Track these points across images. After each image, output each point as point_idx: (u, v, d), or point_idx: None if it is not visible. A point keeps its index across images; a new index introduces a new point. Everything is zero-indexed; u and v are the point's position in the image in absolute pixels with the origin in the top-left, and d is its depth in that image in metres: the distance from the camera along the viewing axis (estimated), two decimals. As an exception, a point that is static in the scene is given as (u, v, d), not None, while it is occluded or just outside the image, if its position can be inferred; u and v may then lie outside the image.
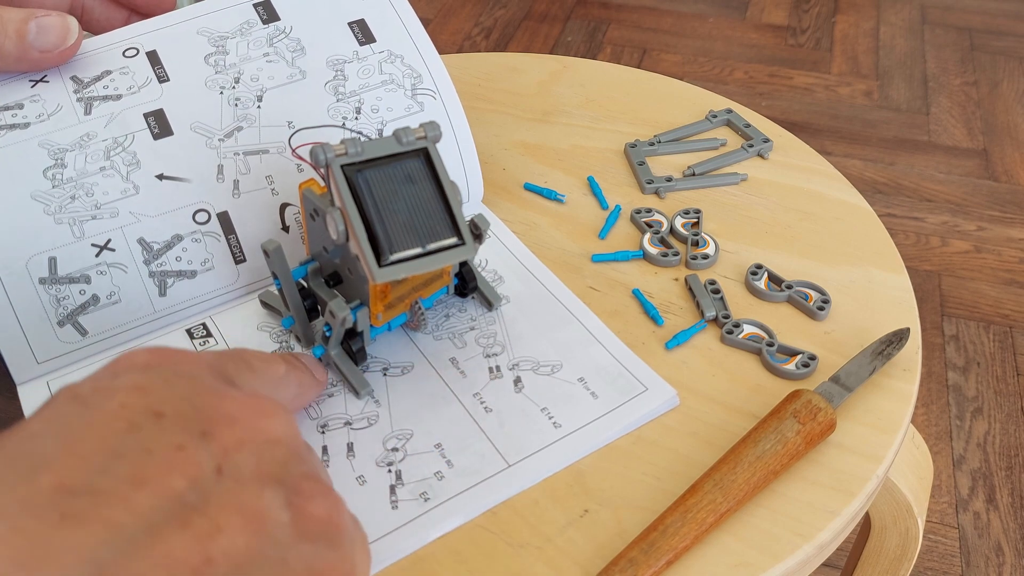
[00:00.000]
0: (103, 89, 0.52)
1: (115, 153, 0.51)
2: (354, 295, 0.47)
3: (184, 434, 0.26)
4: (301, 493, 0.28)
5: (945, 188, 1.58)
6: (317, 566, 0.27)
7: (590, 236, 0.57)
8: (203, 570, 0.23)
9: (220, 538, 0.24)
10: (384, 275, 0.42)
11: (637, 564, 0.39)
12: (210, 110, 0.53)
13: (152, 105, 0.52)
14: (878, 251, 0.56)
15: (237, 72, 0.54)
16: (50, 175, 0.49)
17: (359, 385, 0.47)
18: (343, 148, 0.43)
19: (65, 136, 0.50)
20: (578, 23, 2.02)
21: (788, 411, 0.44)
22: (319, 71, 0.55)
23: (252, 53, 0.54)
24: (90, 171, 0.50)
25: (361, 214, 0.42)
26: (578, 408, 0.47)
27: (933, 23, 2.02)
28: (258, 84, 0.54)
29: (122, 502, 0.23)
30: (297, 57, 0.55)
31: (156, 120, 0.52)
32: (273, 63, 0.54)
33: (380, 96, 0.56)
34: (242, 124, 0.53)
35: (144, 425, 0.26)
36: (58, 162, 0.50)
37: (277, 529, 0.26)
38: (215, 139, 0.53)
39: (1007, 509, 1.10)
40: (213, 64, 0.54)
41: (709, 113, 0.67)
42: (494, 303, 0.52)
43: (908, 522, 0.56)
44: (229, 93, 0.54)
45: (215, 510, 0.24)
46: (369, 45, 0.57)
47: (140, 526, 0.23)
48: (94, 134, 0.51)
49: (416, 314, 0.49)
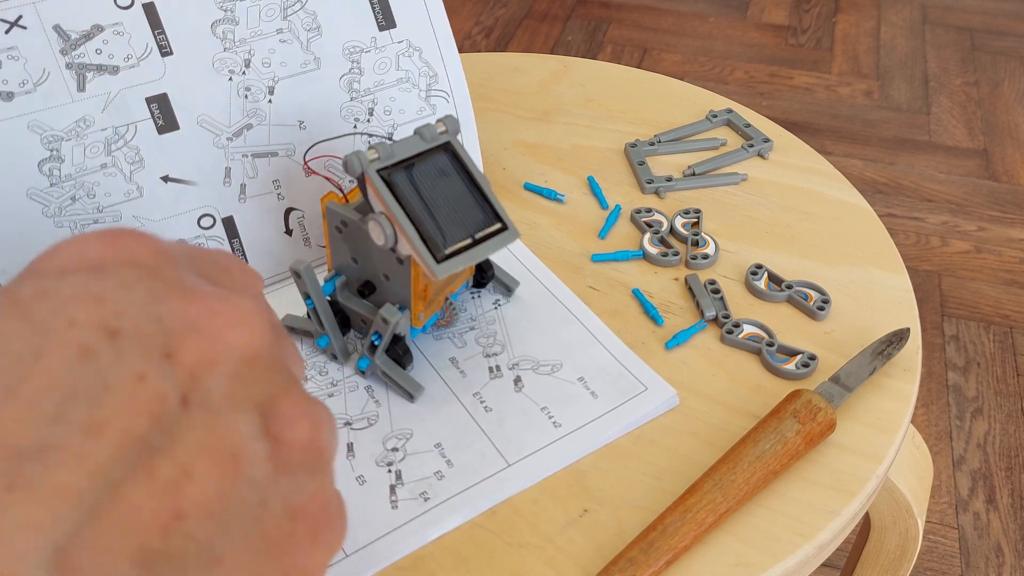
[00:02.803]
0: (96, 55, 0.46)
1: (117, 148, 0.48)
2: (390, 300, 0.47)
3: (144, 358, 0.22)
4: (280, 416, 0.24)
5: (945, 188, 1.58)
6: (296, 502, 0.24)
7: (590, 236, 0.57)
8: (172, 527, 0.21)
9: (189, 486, 0.21)
10: (443, 270, 0.42)
11: (637, 564, 0.39)
12: (218, 101, 0.50)
13: (154, 87, 0.48)
14: (878, 251, 0.56)
15: (247, 52, 0.49)
16: (46, 169, 0.47)
17: (412, 388, 0.47)
18: (375, 153, 0.43)
19: (58, 118, 0.46)
20: (578, 23, 2.02)
21: (788, 411, 0.44)
22: (335, 61, 0.52)
23: (264, 27, 0.49)
24: (90, 167, 0.48)
25: (406, 214, 0.42)
26: (578, 408, 0.47)
27: (934, 23, 2.02)
28: (270, 71, 0.50)
29: (77, 459, 0.20)
30: (313, 39, 0.51)
31: (160, 109, 0.48)
32: (287, 43, 0.50)
33: (394, 96, 0.54)
34: (251, 121, 0.51)
35: (99, 350, 0.22)
36: (54, 154, 0.47)
37: (253, 466, 0.23)
38: (223, 137, 0.50)
39: (1007, 509, 1.10)
40: (221, 36, 0.48)
41: (709, 113, 0.67)
42: (512, 288, 0.52)
43: (908, 522, 0.56)
44: (239, 80, 0.50)
45: (183, 451, 0.21)
46: (388, 31, 0.53)
47: (99, 487, 0.20)
48: (91, 120, 0.47)
49: (448, 309, 0.49)
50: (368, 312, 0.48)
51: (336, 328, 0.48)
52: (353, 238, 0.46)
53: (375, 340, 0.46)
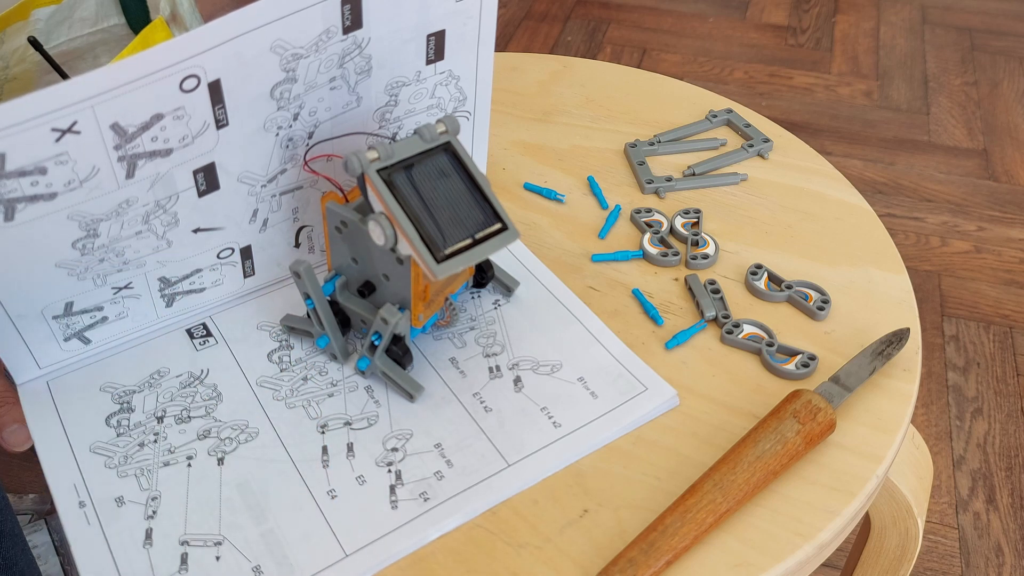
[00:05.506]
0: (151, 142, 0.41)
1: (155, 216, 0.45)
2: (390, 300, 0.47)
3: None
4: None
5: (945, 188, 1.58)
6: None
7: (590, 236, 0.57)
8: None
9: None
10: (443, 270, 0.42)
11: (637, 564, 0.39)
12: (262, 155, 0.47)
13: (204, 159, 0.44)
14: (878, 251, 0.56)
15: (299, 105, 0.46)
16: (80, 246, 0.43)
17: (413, 388, 0.47)
18: (375, 153, 0.42)
19: (100, 205, 0.42)
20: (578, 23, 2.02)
21: (788, 411, 0.44)
22: (376, 98, 0.49)
23: (320, 79, 0.45)
24: (124, 236, 0.45)
25: (406, 214, 0.42)
26: (578, 408, 0.47)
27: (933, 23, 2.02)
28: (314, 119, 0.47)
29: None
30: (361, 81, 0.48)
31: (205, 176, 0.45)
32: (336, 90, 0.47)
33: (420, 120, 0.53)
34: (287, 166, 0.48)
35: None
36: (90, 233, 0.43)
37: None
38: (258, 186, 0.48)
39: (1007, 509, 1.10)
40: (278, 98, 0.44)
41: (709, 113, 0.67)
42: (512, 288, 0.52)
43: (908, 522, 0.56)
44: (285, 133, 0.46)
45: None
46: (434, 64, 0.50)
47: None
48: (134, 199, 0.43)
49: (448, 309, 0.49)
50: (368, 312, 0.48)
51: (336, 328, 0.48)
52: (353, 238, 0.46)
53: (375, 340, 0.46)
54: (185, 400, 0.48)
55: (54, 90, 0.35)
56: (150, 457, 0.45)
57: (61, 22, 0.60)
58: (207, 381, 0.49)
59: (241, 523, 0.42)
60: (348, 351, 0.49)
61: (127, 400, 0.48)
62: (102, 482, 0.44)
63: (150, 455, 0.45)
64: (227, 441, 0.46)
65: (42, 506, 0.97)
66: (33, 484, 1.02)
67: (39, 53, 0.57)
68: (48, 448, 0.46)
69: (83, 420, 0.47)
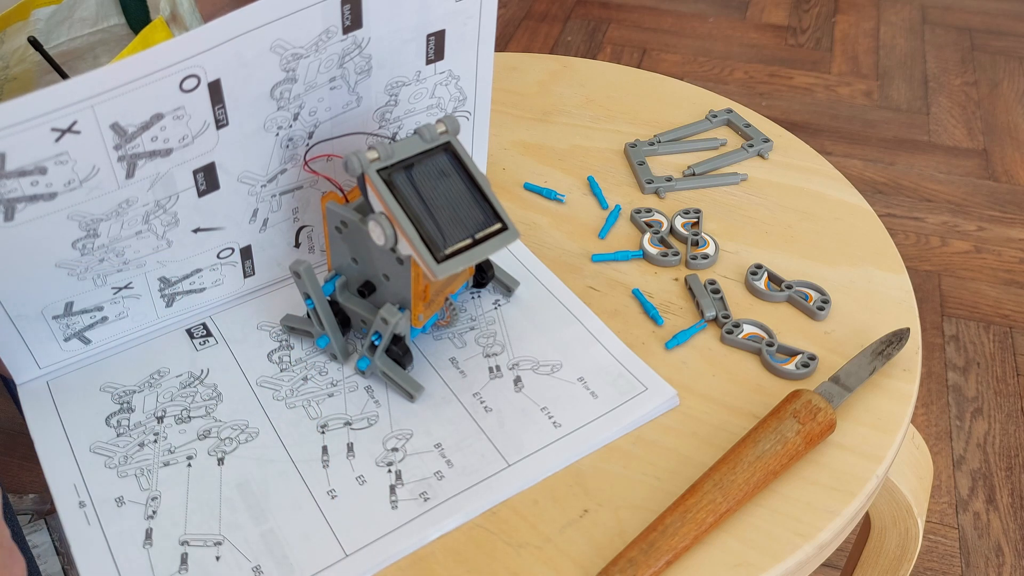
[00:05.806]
0: (151, 142, 0.41)
1: (155, 216, 0.45)
2: (390, 300, 0.47)
3: None
4: None
5: (945, 188, 1.58)
6: None
7: (590, 236, 0.57)
8: None
9: None
10: (443, 270, 0.42)
11: (637, 564, 0.39)
12: (262, 155, 0.47)
13: (204, 159, 0.44)
14: (878, 251, 0.56)
15: (299, 105, 0.46)
16: (80, 245, 0.44)
17: (413, 388, 0.47)
18: (375, 153, 0.42)
19: (100, 205, 0.42)
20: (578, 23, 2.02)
21: (788, 411, 0.44)
22: (375, 98, 0.50)
23: (320, 79, 0.45)
24: (124, 236, 0.45)
25: (406, 214, 0.42)
26: (578, 408, 0.47)
27: (933, 23, 2.02)
28: (314, 119, 0.47)
29: None
30: (361, 81, 0.48)
31: (205, 176, 0.45)
32: (336, 90, 0.47)
33: (419, 120, 0.53)
34: (287, 166, 0.48)
35: None
36: (90, 233, 0.43)
37: None
38: (258, 186, 0.48)
39: (1007, 509, 1.10)
40: (278, 97, 0.44)
41: (709, 113, 0.67)
42: (512, 288, 0.52)
43: (908, 522, 0.56)
44: (285, 133, 0.47)
45: None
46: (434, 64, 0.50)
47: None
48: (134, 199, 0.43)
49: (448, 310, 0.49)
50: (368, 312, 0.48)
51: (336, 328, 0.48)
52: (353, 238, 0.46)
53: (375, 340, 0.46)
54: (185, 400, 0.48)
55: (54, 90, 0.36)
56: (150, 457, 0.45)
57: (61, 22, 0.60)
58: (207, 381, 0.49)
59: (241, 523, 0.42)
60: (348, 351, 0.49)
61: (127, 400, 0.48)
62: (102, 482, 0.44)
63: (150, 455, 0.45)
64: (227, 441, 0.46)
65: (42, 506, 0.97)
66: (33, 484, 1.02)
67: (39, 53, 0.57)
68: (48, 448, 0.46)
69: (83, 420, 0.47)
